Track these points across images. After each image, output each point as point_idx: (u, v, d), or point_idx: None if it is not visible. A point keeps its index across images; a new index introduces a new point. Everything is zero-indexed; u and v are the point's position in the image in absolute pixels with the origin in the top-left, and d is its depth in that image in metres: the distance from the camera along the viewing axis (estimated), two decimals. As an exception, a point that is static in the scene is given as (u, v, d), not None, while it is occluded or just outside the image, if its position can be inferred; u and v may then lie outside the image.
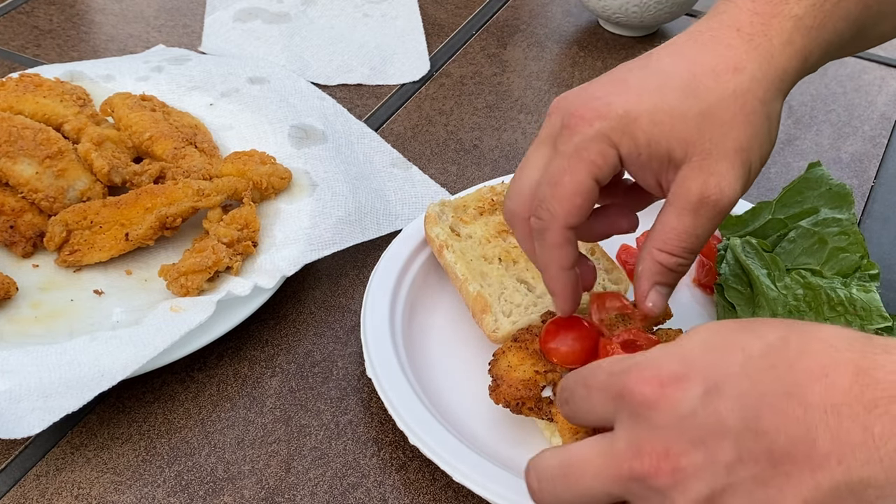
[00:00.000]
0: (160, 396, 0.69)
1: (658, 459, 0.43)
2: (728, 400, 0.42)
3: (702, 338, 0.45)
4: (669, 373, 0.44)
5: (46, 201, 0.77)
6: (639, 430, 0.44)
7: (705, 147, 0.55)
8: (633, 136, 0.56)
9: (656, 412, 0.43)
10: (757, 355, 0.43)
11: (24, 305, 0.73)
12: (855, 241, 0.68)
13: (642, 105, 0.56)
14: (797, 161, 0.93)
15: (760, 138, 0.57)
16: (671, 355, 0.45)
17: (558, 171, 0.57)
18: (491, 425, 0.65)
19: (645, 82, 0.57)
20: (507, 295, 0.69)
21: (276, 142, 0.85)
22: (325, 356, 0.72)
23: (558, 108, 0.59)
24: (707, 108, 0.55)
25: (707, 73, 0.56)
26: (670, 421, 0.43)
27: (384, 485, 0.64)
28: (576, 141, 0.56)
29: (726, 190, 0.55)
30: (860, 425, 0.39)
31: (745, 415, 0.41)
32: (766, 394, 0.41)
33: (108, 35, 1.08)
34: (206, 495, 0.63)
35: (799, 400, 0.41)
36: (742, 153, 0.56)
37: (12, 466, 0.64)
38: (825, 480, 0.40)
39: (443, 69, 1.04)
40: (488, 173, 0.90)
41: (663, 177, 0.57)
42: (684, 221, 0.56)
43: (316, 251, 0.74)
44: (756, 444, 0.41)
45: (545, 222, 0.58)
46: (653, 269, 0.58)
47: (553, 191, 0.57)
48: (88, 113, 0.85)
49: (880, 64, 1.07)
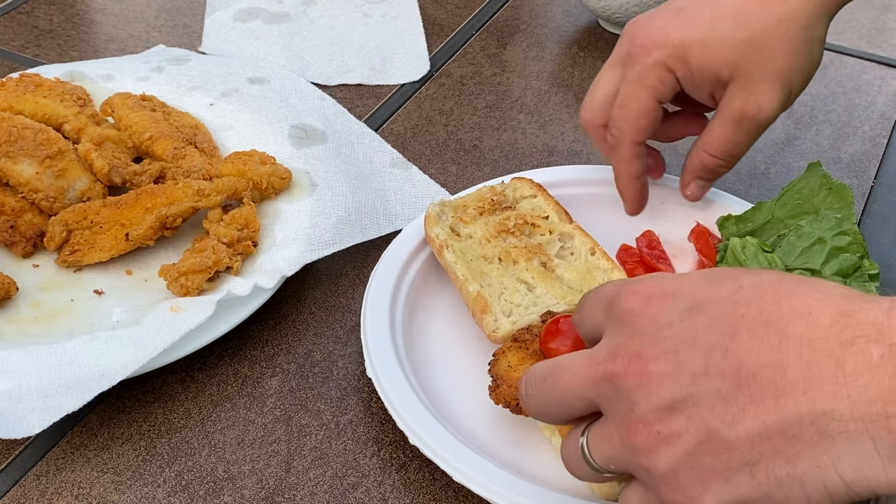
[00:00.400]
0: (160, 396, 0.69)
1: (629, 361, 0.45)
2: (707, 317, 0.43)
3: (699, 273, 0.47)
4: (659, 289, 0.46)
5: (46, 201, 0.77)
6: (619, 336, 0.46)
7: (748, 69, 0.65)
8: (686, 63, 0.66)
9: (638, 319, 0.45)
10: (748, 286, 0.44)
11: (24, 305, 0.73)
12: (855, 241, 0.68)
13: (696, 34, 0.65)
14: (797, 161, 0.93)
15: (801, 61, 0.66)
16: (669, 277, 0.47)
17: (626, 96, 0.68)
18: (491, 425, 0.65)
19: (700, 13, 0.66)
20: (507, 295, 0.69)
21: (276, 142, 0.85)
22: (325, 356, 0.72)
23: (627, 32, 0.69)
24: (752, 35, 0.64)
25: (756, 2, 0.65)
26: (649, 329, 0.45)
27: (384, 485, 0.64)
28: (638, 69, 0.67)
29: (765, 107, 0.66)
30: (833, 360, 0.40)
31: (720, 333, 0.43)
32: (745, 317, 0.43)
33: (108, 35, 1.08)
34: (206, 495, 0.63)
35: (776, 329, 0.42)
36: (782, 76, 0.65)
37: (12, 466, 0.64)
38: (788, 408, 0.40)
39: (443, 69, 1.04)
40: (488, 173, 0.90)
41: (715, 93, 0.68)
42: (727, 130, 0.68)
43: (316, 251, 0.75)
44: (725, 361, 0.42)
45: (617, 139, 0.70)
46: (697, 165, 0.72)
47: (622, 113, 0.69)
48: (88, 113, 0.85)
49: (880, 64, 1.07)
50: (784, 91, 0.66)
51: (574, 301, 0.69)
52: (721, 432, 0.42)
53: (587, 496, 0.60)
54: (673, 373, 0.43)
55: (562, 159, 0.92)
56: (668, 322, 0.44)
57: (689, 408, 0.43)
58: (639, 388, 0.44)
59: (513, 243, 0.73)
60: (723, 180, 0.90)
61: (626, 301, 0.46)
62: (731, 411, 0.42)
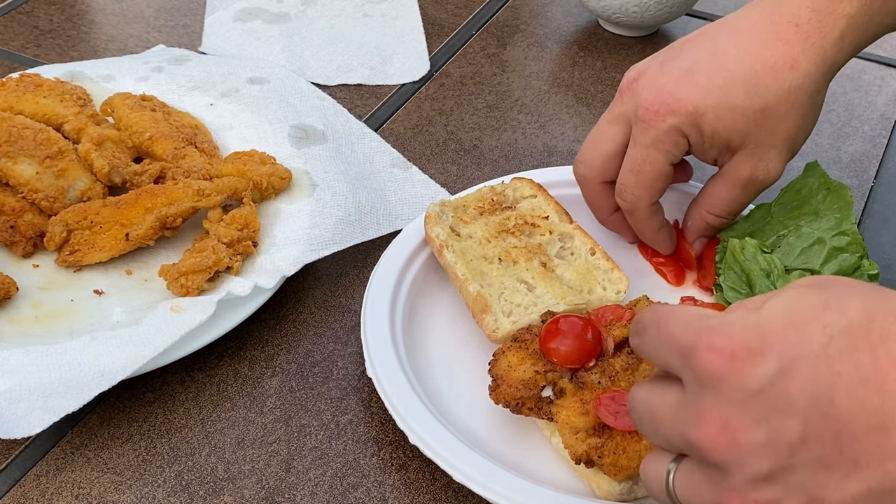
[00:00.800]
0: (160, 396, 0.69)
1: (716, 432, 0.42)
2: (801, 380, 0.40)
3: (784, 308, 0.43)
4: (743, 345, 0.42)
5: (47, 201, 0.77)
6: (702, 399, 0.43)
7: (760, 138, 0.67)
8: (699, 129, 0.67)
9: (724, 384, 0.42)
10: (838, 334, 0.41)
11: (24, 305, 0.73)
12: (854, 241, 0.68)
13: (708, 101, 0.66)
14: (797, 161, 0.93)
15: (807, 125, 0.68)
16: (749, 327, 0.42)
17: (640, 161, 0.69)
18: (491, 425, 0.65)
19: (712, 79, 0.66)
20: (507, 295, 0.69)
21: (276, 142, 0.85)
22: (325, 356, 0.72)
23: (631, 91, 0.70)
24: (765, 105, 0.65)
25: (767, 70, 0.65)
26: (737, 396, 0.41)
27: (384, 485, 0.64)
28: (652, 135, 0.67)
29: (773, 172, 0.68)
30: None
31: (817, 396, 0.40)
32: (841, 375, 0.40)
33: (108, 35, 1.08)
34: (206, 495, 0.63)
35: (876, 387, 0.39)
36: (790, 141, 0.68)
37: (12, 466, 0.64)
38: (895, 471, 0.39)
39: (443, 69, 1.04)
40: (488, 173, 0.90)
41: (720, 158, 0.69)
42: (733, 192, 0.70)
43: (316, 251, 0.75)
44: (824, 427, 0.40)
45: (632, 204, 0.71)
46: (700, 225, 0.74)
47: (637, 178, 0.70)
48: (88, 113, 0.85)
49: (880, 64, 1.07)
50: (790, 154, 0.69)
51: (574, 301, 0.69)
52: (825, 499, 0.40)
53: (587, 496, 0.60)
54: (768, 443, 0.41)
55: (562, 159, 0.92)
56: (759, 388, 0.41)
57: (788, 477, 0.41)
58: (731, 461, 0.42)
59: (513, 243, 0.73)
60: (723, 180, 0.90)
61: (706, 361, 0.42)
62: (834, 478, 0.40)
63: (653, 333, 0.46)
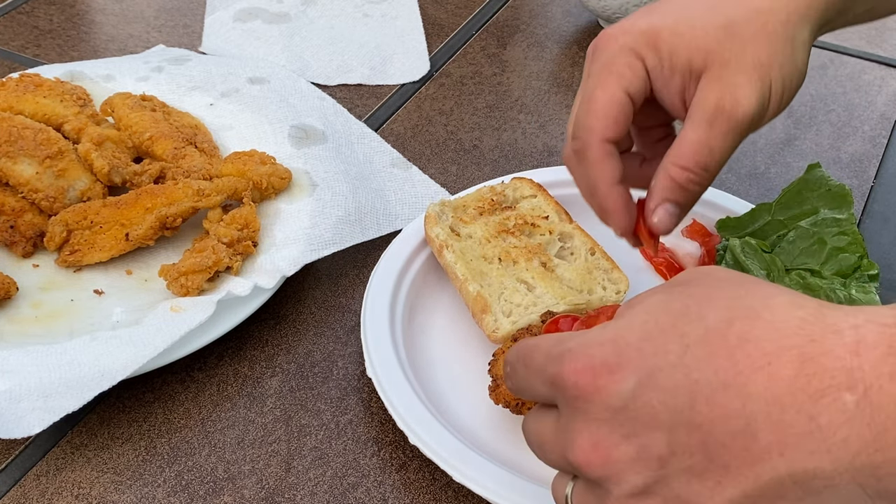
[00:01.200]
0: (160, 396, 0.69)
1: (589, 451, 0.42)
2: (660, 392, 0.40)
3: (641, 321, 0.43)
4: (602, 363, 0.42)
5: (46, 201, 0.77)
6: (574, 422, 0.43)
7: (724, 57, 0.56)
8: (656, 48, 0.57)
9: (590, 405, 0.42)
10: (695, 342, 0.41)
11: (24, 305, 0.73)
12: (854, 242, 0.68)
13: (666, 20, 0.57)
14: (797, 161, 0.93)
15: (781, 58, 0.57)
16: (605, 343, 0.43)
17: (590, 88, 0.58)
18: (491, 425, 0.65)
19: (672, 4, 0.59)
20: (507, 295, 0.69)
21: (276, 142, 0.85)
22: (325, 356, 0.72)
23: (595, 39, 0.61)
24: (728, 22, 0.56)
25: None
26: (603, 414, 0.42)
27: (384, 485, 0.64)
28: (604, 58, 0.58)
29: (742, 100, 0.55)
30: (805, 416, 0.38)
31: (678, 406, 0.40)
32: (699, 383, 0.40)
33: (108, 35, 1.08)
34: (206, 495, 0.63)
35: (737, 391, 0.39)
36: (760, 69, 0.56)
37: (12, 466, 0.64)
38: (765, 472, 0.39)
39: (443, 69, 1.04)
40: (488, 173, 0.90)
41: (687, 90, 0.57)
42: (698, 133, 0.56)
43: (316, 251, 0.75)
44: (690, 437, 0.40)
45: (583, 140, 0.58)
46: (664, 183, 0.57)
47: (588, 107, 0.58)
48: (88, 113, 0.85)
49: (880, 64, 1.07)
50: (763, 85, 0.56)
51: (574, 301, 0.69)
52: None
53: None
54: (639, 458, 0.41)
55: (562, 159, 0.92)
56: (622, 404, 0.41)
57: (663, 489, 0.41)
58: (607, 478, 0.42)
59: (513, 243, 0.73)
60: (722, 180, 0.90)
61: (570, 385, 0.43)
62: (707, 485, 0.40)
63: (521, 372, 0.47)
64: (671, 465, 0.40)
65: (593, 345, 0.43)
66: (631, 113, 0.58)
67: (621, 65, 0.57)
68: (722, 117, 0.55)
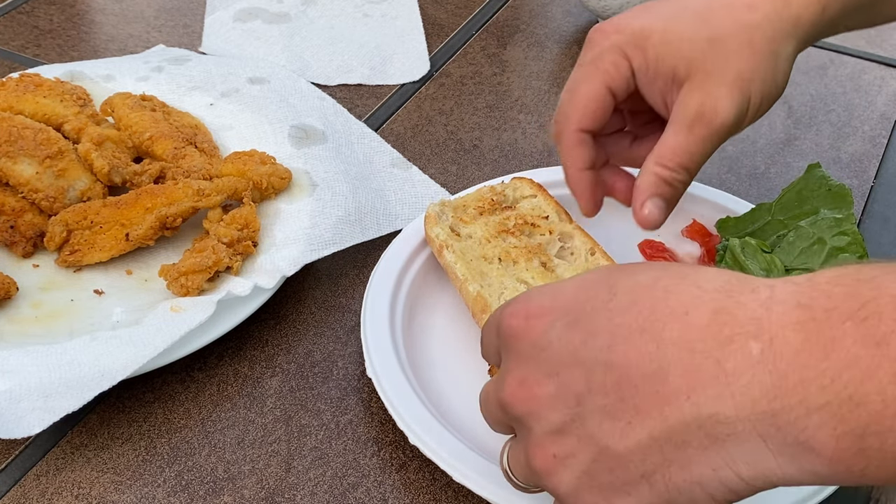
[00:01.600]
0: (160, 396, 0.69)
1: (515, 388, 0.45)
2: (583, 332, 0.43)
3: (581, 277, 0.46)
4: (537, 306, 0.45)
5: (46, 201, 0.77)
6: (507, 362, 0.46)
7: (707, 69, 0.59)
8: (643, 51, 0.61)
9: (520, 343, 0.45)
10: (622, 292, 0.43)
11: (24, 305, 0.73)
12: (854, 242, 0.68)
13: (656, 25, 0.61)
14: (797, 161, 0.93)
15: (763, 73, 0.60)
16: (545, 291, 0.46)
17: (575, 79, 0.63)
18: (491, 425, 0.65)
19: (665, 8, 0.62)
20: (507, 295, 0.69)
21: (276, 142, 0.85)
22: (325, 356, 0.72)
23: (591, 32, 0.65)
24: (715, 35, 0.60)
25: (722, 5, 0.61)
26: (531, 352, 0.44)
27: (384, 485, 0.64)
28: (593, 52, 0.63)
29: (720, 110, 0.59)
30: (713, 360, 0.39)
31: (597, 347, 0.42)
32: (620, 326, 0.42)
33: (108, 35, 1.08)
34: (206, 495, 0.63)
35: (652, 335, 0.41)
36: (742, 82, 0.59)
37: (12, 466, 0.64)
38: (673, 416, 0.40)
39: (443, 69, 1.04)
40: (488, 173, 0.90)
41: (668, 95, 0.61)
42: (679, 137, 0.60)
43: (316, 251, 0.75)
44: (606, 376, 0.41)
45: (560, 125, 0.63)
46: (650, 179, 0.62)
47: (569, 96, 0.63)
48: (88, 113, 0.85)
49: (880, 64, 1.07)
50: (742, 98, 0.60)
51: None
52: (612, 448, 0.41)
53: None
54: (558, 395, 0.43)
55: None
56: (547, 342, 0.44)
57: (578, 428, 0.42)
58: (529, 414, 0.44)
59: (513, 243, 0.73)
60: (722, 180, 0.90)
61: (506, 325, 0.46)
62: (618, 426, 0.41)
63: (486, 329, 0.50)
64: (587, 404, 0.42)
65: (534, 294, 0.47)
66: (611, 107, 0.63)
67: (608, 62, 0.62)
68: (701, 124, 0.59)
